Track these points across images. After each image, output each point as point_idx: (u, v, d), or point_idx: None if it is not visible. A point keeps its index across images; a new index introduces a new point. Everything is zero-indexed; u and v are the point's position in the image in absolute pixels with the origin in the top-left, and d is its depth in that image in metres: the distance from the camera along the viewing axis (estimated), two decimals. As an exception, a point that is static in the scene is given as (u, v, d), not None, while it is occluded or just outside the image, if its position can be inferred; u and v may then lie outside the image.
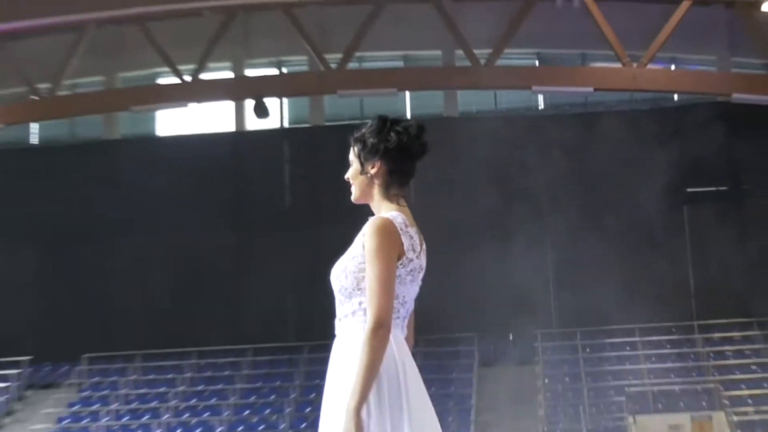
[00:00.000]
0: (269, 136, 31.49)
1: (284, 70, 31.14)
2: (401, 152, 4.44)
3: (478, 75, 26.02)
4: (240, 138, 31.30)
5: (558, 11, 25.50)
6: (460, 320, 27.31)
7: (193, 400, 28.84)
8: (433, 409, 4.40)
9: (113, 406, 28.53)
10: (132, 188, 30.49)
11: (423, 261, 4.51)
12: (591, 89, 26.43)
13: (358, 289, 4.35)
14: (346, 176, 4.60)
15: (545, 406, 26.05)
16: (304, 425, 27.12)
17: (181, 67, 26.86)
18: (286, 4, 25.50)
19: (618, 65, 24.96)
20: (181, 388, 29.31)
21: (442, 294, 25.14)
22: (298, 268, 29.84)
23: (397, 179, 4.48)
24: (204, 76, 27.39)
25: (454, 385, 27.52)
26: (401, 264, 4.30)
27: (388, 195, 4.47)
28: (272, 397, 28.84)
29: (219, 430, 27.01)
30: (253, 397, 28.99)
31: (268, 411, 28.11)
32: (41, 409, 28.67)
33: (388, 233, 4.27)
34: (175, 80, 27.31)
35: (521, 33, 24.97)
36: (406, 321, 4.54)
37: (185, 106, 28.38)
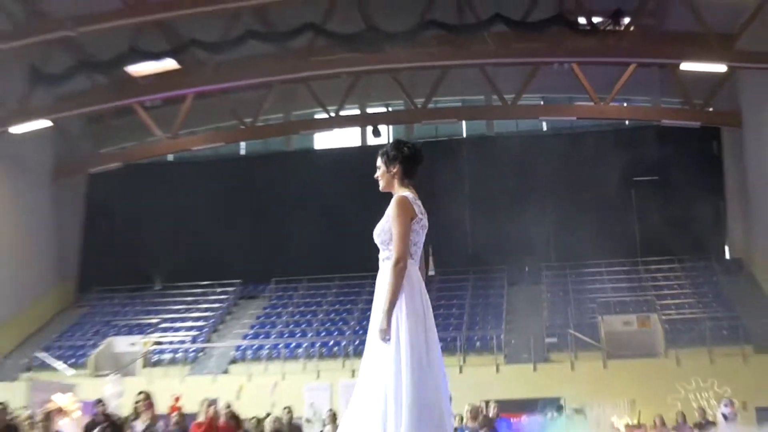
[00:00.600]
0: (380, 148, 34.24)
1: (390, 108, 32.44)
2: (409, 159, 5.05)
3: (506, 110, 28.63)
4: (363, 150, 32.37)
5: (554, 71, 28.08)
6: (496, 257, 28.38)
7: (333, 314, 29.49)
8: (432, 315, 4.86)
9: (284, 317, 29.40)
10: (304, 172, 31.71)
11: (426, 221, 4.99)
12: (575, 117, 29.26)
13: (390, 242, 4.86)
14: (375, 175, 5.14)
15: (547, 310, 27.17)
16: None
17: (329, 107, 29.58)
18: (392, 69, 27.63)
19: (591, 103, 27.26)
20: (325, 305, 30.19)
21: (487, 241, 28.26)
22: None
23: (408, 175, 5.05)
24: (342, 112, 29.81)
25: (491, 297, 28.51)
26: (414, 221, 4.84)
27: (402, 184, 5.02)
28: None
29: (347, 333, 27.22)
30: (368, 312, 30.61)
31: None
32: (242, 318, 29.95)
33: (404, 204, 4.83)
34: (325, 115, 30.03)
35: (532, 84, 27.54)
36: (418, 257, 4.94)
37: (331, 130, 31.57)
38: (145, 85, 27.96)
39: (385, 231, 4.98)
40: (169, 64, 27.49)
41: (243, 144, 33.90)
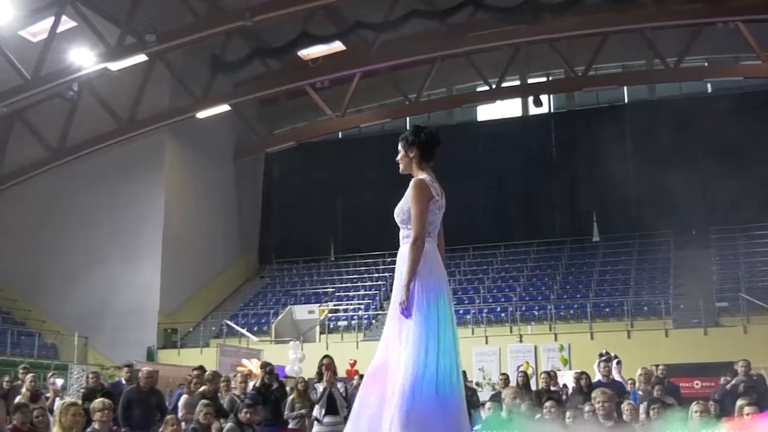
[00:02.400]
0: (542, 117, 32.29)
1: (550, 77, 31.63)
2: (427, 144, 5.08)
3: (669, 73, 27.85)
4: (525, 120, 32.45)
5: (718, 31, 26.70)
6: (662, 221, 26.99)
7: (499, 281, 29.43)
8: (449, 291, 4.94)
9: (452, 285, 27.79)
10: (467, 144, 31.32)
11: (443, 202, 5.04)
12: (741, 77, 28.29)
13: (410, 221, 4.91)
14: (396, 158, 5.14)
15: (717, 273, 26.48)
16: (566, 296, 27.24)
17: (490, 80, 29.63)
18: (551, 39, 27.14)
19: (759, 62, 26.02)
20: (492, 273, 30.14)
21: (651, 205, 27.68)
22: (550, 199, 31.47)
23: (425, 159, 5.08)
24: (503, 84, 29.92)
25: (658, 262, 27.66)
26: (432, 203, 4.91)
27: (421, 167, 5.05)
28: (545, 279, 28.99)
29: (514, 299, 27.27)
30: (534, 279, 29.16)
31: (543, 288, 28.24)
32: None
33: (422, 186, 4.91)
34: (486, 87, 30.08)
35: (695, 46, 26.73)
36: (436, 235, 4.98)
37: (493, 102, 31.51)
38: (315, 67, 28.92)
39: (404, 211, 4.98)
40: (337, 46, 28.49)
41: (408, 119, 33.65)
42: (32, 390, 11.62)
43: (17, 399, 10.47)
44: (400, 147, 5.13)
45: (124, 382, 13.27)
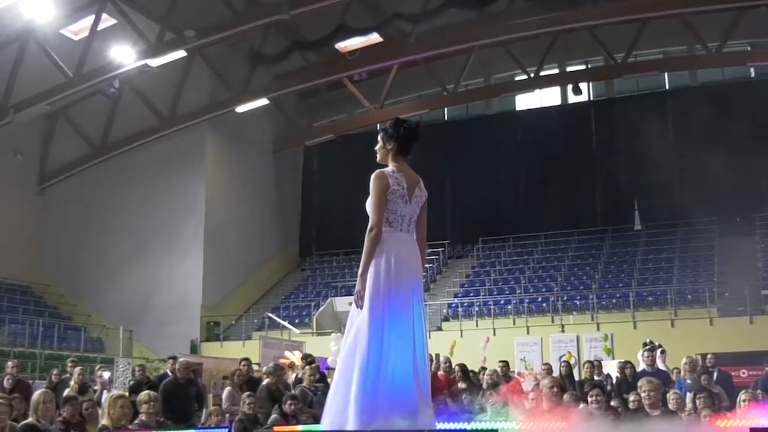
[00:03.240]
0: (582, 106, 32.09)
1: (589, 65, 31.43)
2: (405, 138, 5.08)
3: (711, 59, 27.64)
4: (564, 108, 32.33)
5: (762, 14, 25.70)
6: (705, 208, 26.76)
7: (540, 270, 29.30)
8: (415, 284, 4.92)
9: (492, 275, 29.55)
10: (506, 134, 32.01)
11: (418, 194, 5.03)
12: None
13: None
14: (375, 148, 5.18)
15: (762, 261, 26.05)
16: (608, 286, 26.83)
17: (528, 68, 29.50)
18: (590, 26, 26.83)
19: None
20: (532, 262, 29.97)
21: (694, 193, 26.79)
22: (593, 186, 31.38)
23: (402, 152, 5.08)
24: (542, 72, 29.63)
25: (702, 250, 27.33)
26: (390, 192, 4.89)
27: (395, 159, 5.06)
28: (587, 268, 28.75)
29: (555, 289, 27.08)
30: (575, 269, 28.95)
31: (584, 277, 28.00)
32: (452, 277, 30.58)
33: (378, 177, 4.93)
34: (525, 76, 29.97)
35: (738, 30, 25.98)
36: (411, 227, 4.98)
37: (531, 91, 31.30)
38: (352, 59, 28.92)
39: (369, 203, 5.03)
40: (374, 38, 28.42)
41: (445, 110, 34.08)
42: (80, 383, 11.83)
43: (66, 392, 10.61)
44: (379, 138, 5.16)
45: (170, 374, 13.43)
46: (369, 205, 4.94)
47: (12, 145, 29.09)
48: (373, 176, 4.97)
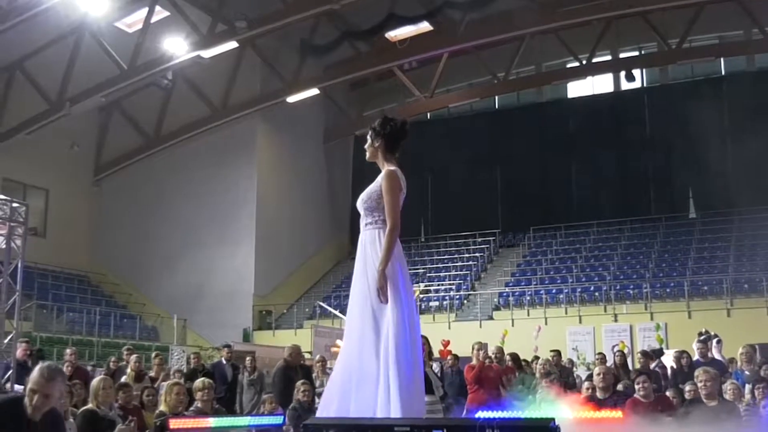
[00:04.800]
0: (635, 92, 31.41)
1: (642, 51, 31.13)
2: (391, 136, 5.21)
3: (767, 43, 26.56)
4: (617, 95, 32.04)
5: None
6: (763, 196, 25.99)
7: (592, 260, 29.09)
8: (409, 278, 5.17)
9: (544, 264, 29.33)
10: (558, 121, 32.04)
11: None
12: None
13: (376, 209, 5.09)
14: (365, 146, 5.33)
15: None
16: (662, 275, 26.66)
17: (580, 55, 29.23)
18: (643, 11, 26.57)
19: None
20: (584, 251, 29.72)
21: (751, 180, 26.44)
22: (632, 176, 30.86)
23: (390, 149, 5.21)
24: (594, 59, 29.12)
25: (759, 238, 26.15)
26: (401, 194, 5.10)
27: (386, 157, 5.20)
28: (640, 257, 28.42)
29: (608, 278, 26.65)
30: (628, 257, 28.59)
31: (638, 266, 27.67)
32: (503, 266, 30.46)
33: (395, 177, 5.06)
34: (576, 63, 29.77)
35: None
36: None
37: (584, 78, 31.04)
38: (402, 48, 28.84)
39: (372, 199, 5.15)
40: (424, 26, 28.37)
41: (496, 98, 33.83)
42: (137, 370, 12.02)
43: (122, 378, 10.82)
44: (368, 136, 5.29)
45: (225, 362, 13.64)
46: (374, 201, 5.10)
47: (69, 137, 29.64)
48: (386, 176, 5.10)
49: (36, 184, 29.09)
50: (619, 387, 9.29)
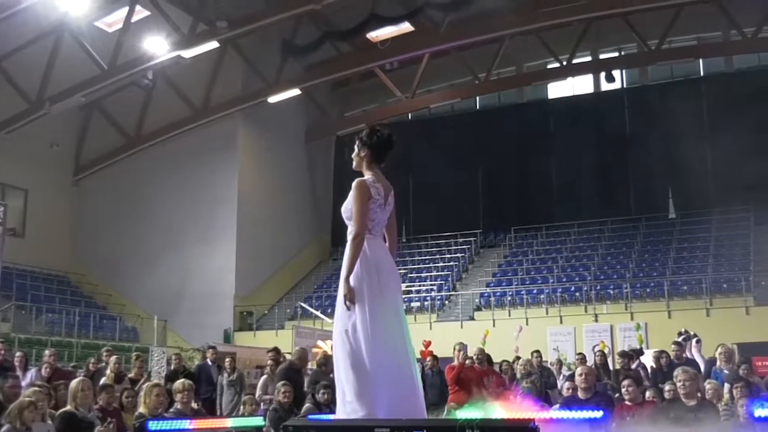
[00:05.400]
0: (615, 93, 31.54)
1: (622, 52, 31.36)
2: (377, 146, 5.27)
3: (747, 44, 26.84)
4: (597, 96, 32.09)
5: None
6: (740, 196, 26.39)
7: (573, 260, 29.13)
8: (398, 285, 5.27)
9: (525, 265, 29.34)
10: (538, 122, 32.19)
11: (392, 200, 5.30)
12: None
13: (351, 219, 5.16)
14: (352, 155, 5.39)
15: None
16: (642, 275, 26.66)
17: (560, 56, 29.32)
18: (623, 12, 26.48)
19: None
20: (565, 252, 29.81)
21: (729, 181, 26.82)
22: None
23: (375, 159, 5.27)
24: (574, 60, 29.29)
25: (737, 238, 26.73)
26: (371, 201, 5.12)
27: (370, 167, 5.26)
28: (620, 257, 28.52)
29: (589, 278, 26.72)
30: (608, 258, 28.72)
31: (618, 266, 27.84)
32: (484, 266, 30.46)
33: (361, 186, 5.10)
34: (557, 64, 29.86)
35: None
36: (382, 231, 5.25)
37: (564, 79, 31.07)
38: (384, 49, 28.84)
39: (347, 209, 5.20)
40: (406, 27, 28.36)
41: (477, 98, 33.98)
42: (116, 372, 11.94)
43: (102, 380, 10.74)
44: (355, 146, 5.36)
45: (210, 363, 13.60)
46: (351, 211, 5.13)
47: (48, 136, 29.48)
48: (355, 185, 5.14)
49: (15, 183, 28.92)
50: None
